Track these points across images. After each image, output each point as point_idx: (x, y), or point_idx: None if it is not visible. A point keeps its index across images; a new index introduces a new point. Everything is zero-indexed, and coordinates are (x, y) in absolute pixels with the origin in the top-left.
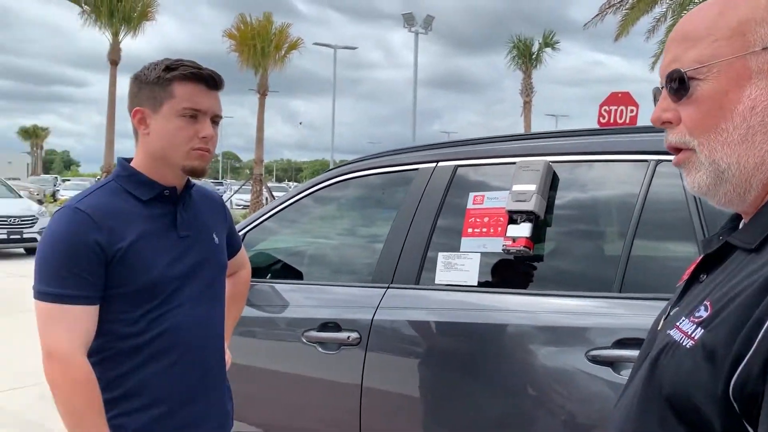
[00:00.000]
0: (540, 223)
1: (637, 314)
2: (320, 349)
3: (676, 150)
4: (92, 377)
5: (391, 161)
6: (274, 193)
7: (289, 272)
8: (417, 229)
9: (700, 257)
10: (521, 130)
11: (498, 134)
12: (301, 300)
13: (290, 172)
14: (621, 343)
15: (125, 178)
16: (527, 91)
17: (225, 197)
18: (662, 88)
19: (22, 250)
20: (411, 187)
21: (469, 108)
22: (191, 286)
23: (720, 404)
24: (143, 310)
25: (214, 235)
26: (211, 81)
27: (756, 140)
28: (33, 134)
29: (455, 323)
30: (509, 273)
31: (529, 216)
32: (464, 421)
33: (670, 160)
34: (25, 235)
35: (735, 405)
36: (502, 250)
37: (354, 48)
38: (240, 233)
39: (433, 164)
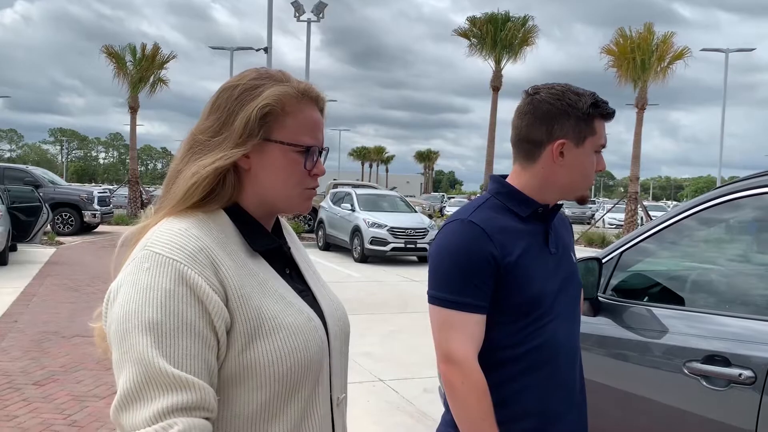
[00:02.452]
0: None
1: None
2: (704, 383)
3: None
4: (487, 385)
5: None
6: (651, 213)
7: (668, 296)
8: None
9: None
10: None
11: None
12: (683, 328)
13: (669, 190)
14: None
15: (505, 194)
16: None
17: (597, 215)
18: None
19: (415, 258)
20: None
21: None
22: (561, 303)
23: None
24: (523, 322)
25: (572, 254)
26: (612, 117)
27: None
28: (426, 157)
29: None
30: None
31: None
32: None
33: None
34: (418, 245)
35: None
36: None
37: (750, 50)
38: (615, 252)
39: None
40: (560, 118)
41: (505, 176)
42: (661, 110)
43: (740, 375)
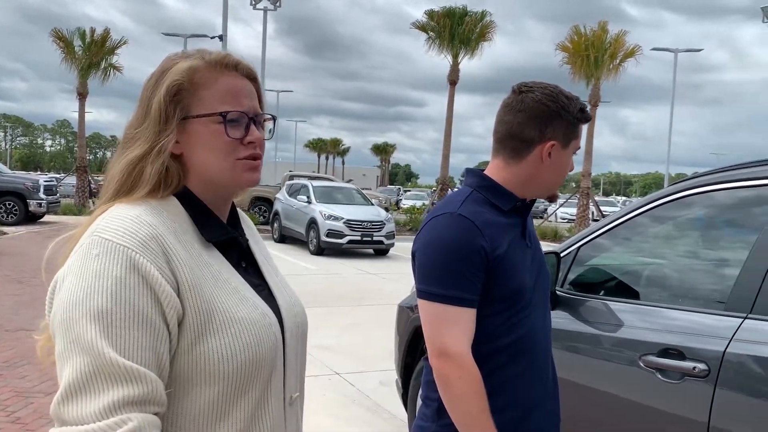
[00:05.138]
0: None
1: None
2: (660, 376)
3: None
4: (482, 378)
5: (754, 174)
6: (602, 208)
7: (624, 291)
8: None
9: None
10: None
11: None
12: (638, 322)
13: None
14: None
15: (487, 188)
16: None
17: (550, 210)
18: None
19: (371, 251)
20: None
21: None
22: (537, 294)
23: None
24: (507, 314)
25: (540, 248)
26: (588, 121)
27: None
28: (383, 150)
29: None
30: None
31: None
32: None
33: None
34: (375, 238)
35: None
36: None
37: (698, 50)
38: (573, 247)
39: None
40: (554, 120)
41: (483, 170)
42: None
43: (694, 368)
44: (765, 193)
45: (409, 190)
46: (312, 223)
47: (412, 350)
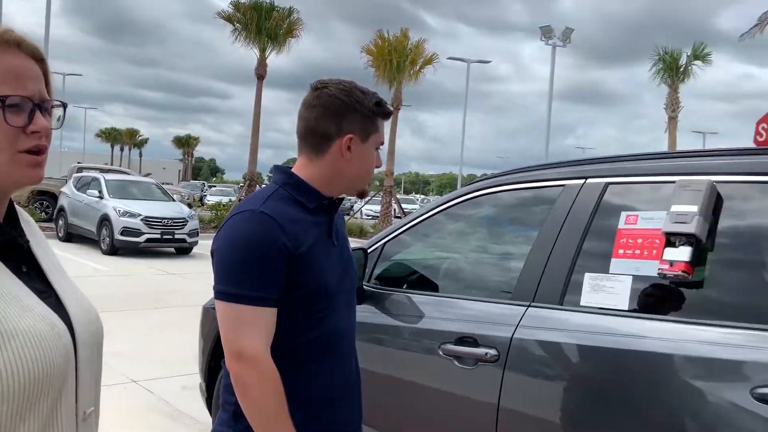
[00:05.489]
0: (701, 248)
1: None
2: (457, 363)
3: None
4: (280, 379)
5: (534, 177)
6: (403, 205)
7: (425, 284)
8: (562, 247)
9: None
10: (664, 147)
11: (654, 151)
12: (437, 312)
13: (418, 184)
14: None
15: (293, 186)
16: (673, 106)
17: (356, 207)
18: None
19: (172, 250)
20: (556, 204)
21: (606, 122)
22: (343, 293)
23: None
24: (310, 312)
25: (348, 246)
26: (389, 116)
27: None
28: (185, 143)
29: (604, 348)
30: (664, 299)
31: (689, 239)
32: None
33: None
34: (176, 236)
35: None
36: (658, 274)
37: (488, 62)
38: (379, 243)
39: (581, 181)
40: (349, 113)
41: (290, 167)
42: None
43: (486, 354)
44: (543, 193)
45: (214, 186)
46: (104, 220)
47: (217, 353)
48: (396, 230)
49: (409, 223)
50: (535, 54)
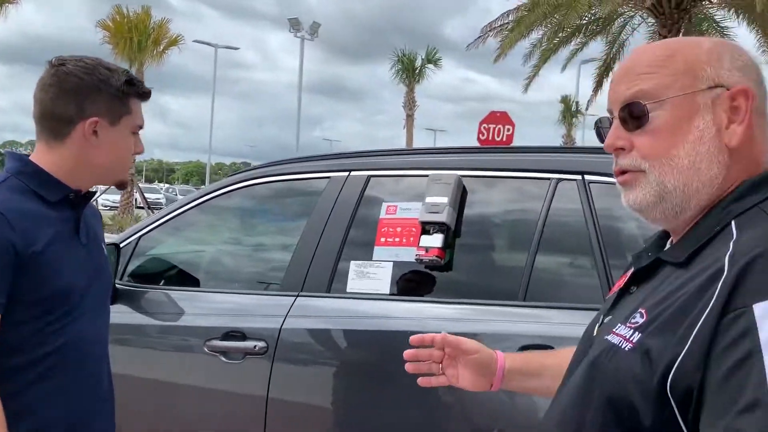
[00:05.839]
0: (451, 235)
1: (540, 322)
2: (224, 358)
3: (623, 172)
4: None
5: (300, 168)
6: (146, 195)
7: (186, 279)
8: (329, 237)
9: (630, 271)
10: (403, 143)
11: (411, 147)
12: (201, 308)
13: (162, 172)
14: (525, 349)
15: (29, 175)
16: (410, 104)
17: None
18: (612, 118)
19: None
20: (322, 196)
21: (350, 117)
22: (91, 297)
23: (654, 400)
24: (46, 320)
25: (103, 245)
26: (149, 97)
27: (702, 167)
28: None
29: (367, 331)
30: (421, 282)
31: (441, 227)
32: (376, 429)
33: (570, 179)
34: None
35: (671, 399)
36: (415, 259)
37: (236, 48)
38: (133, 238)
39: (346, 173)
40: (92, 93)
41: (28, 154)
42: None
43: (255, 346)
44: (310, 185)
45: None
46: None
47: None
48: (152, 223)
49: (167, 215)
50: (283, 44)
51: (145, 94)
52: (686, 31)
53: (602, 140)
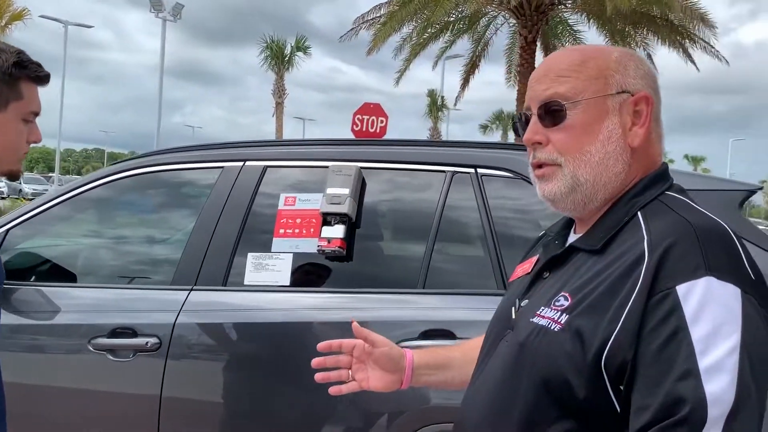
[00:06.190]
0: (352, 226)
1: (438, 308)
2: (111, 357)
3: (540, 166)
4: None
5: (190, 158)
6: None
7: (64, 275)
8: (223, 229)
9: (535, 257)
10: (272, 131)
11: (308, 138)
12: (85, 305)
13: None
14: (426, 334)
15: None
16: (279, 92)
17: None
18: (530, 114)
19: None
20: (216, 186)
21: (213, 103)
22: None
23: (588, 375)
24: None
25: None
26: (47, 81)
27: (609, 164)
28: None
29: (267, 324)
30: (323, 273)
31: (342, 218)
32: (274, 421)
33: (464, 172)
34: None
35: (605, 374)
36: (317, 251)
37: (89, 26)
38: (1, 230)
39: (240, 163)
40: None
41: None
42: None
43: (147, 343)
44: (201, 175)
45: None
46: None
47: None
48: (23, 215)
49: (40, 206)
50: (140, 24)
51: (41, 78)
52: (544, 33)
53: (518, 135)
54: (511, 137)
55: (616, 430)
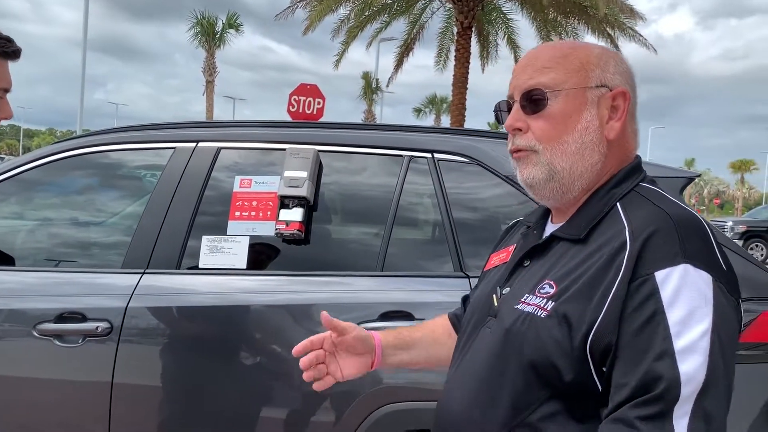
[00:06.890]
0: (310, 209)
1: (397, 290)
2: (58, 342)
3: (518, 151)
4: None
5: (140, 137)
6: None
7: (4, 258)
8: (176, 211)
9: (513, 246)
10: (202, 109)
11: (263, 120)
12: (28, 289)
13: None
14: (385, 316)
15: None
16: (210, 70)
17: None
18: (513, 102)
19: None
20: (167, 167)
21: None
22: None
23: (574, 359)
24: None
25: None
26: (18, 56)
27: (586, 154)
28: None
29: (219, 307)
30: (280, 256)
31: (301, 201)
32: (232, 406)
33: (421, 157)
34: None
35: (589, 358)
36: (275, 234)
37: None
38: None
39: (193, 144)
40: None
41: None
42: None
43: (97, 328)
44: (152, 155)
45: None
46: None
47: None
48: None
49: None
50: None
51: (9, 54)
52: (479, 19)
53: (499, 122)
54: (445, 121)
55: (597, 407)
